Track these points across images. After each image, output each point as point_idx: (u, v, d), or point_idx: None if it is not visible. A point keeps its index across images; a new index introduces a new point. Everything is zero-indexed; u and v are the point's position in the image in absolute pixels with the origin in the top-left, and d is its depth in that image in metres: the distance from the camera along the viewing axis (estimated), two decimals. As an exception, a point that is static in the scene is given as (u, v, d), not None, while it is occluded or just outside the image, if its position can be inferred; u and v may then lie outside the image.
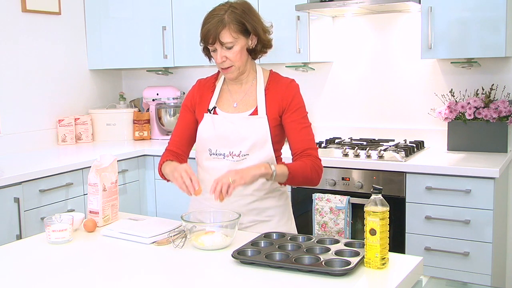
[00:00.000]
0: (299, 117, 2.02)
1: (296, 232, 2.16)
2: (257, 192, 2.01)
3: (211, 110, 2.06)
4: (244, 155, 1.99)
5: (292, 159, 2.04)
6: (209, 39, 1.93)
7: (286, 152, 2.09)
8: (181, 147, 2.11)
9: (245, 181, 1.81)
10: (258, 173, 1.85)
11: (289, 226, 2.12)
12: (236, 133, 2.00)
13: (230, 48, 1.94)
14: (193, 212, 1.92)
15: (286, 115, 2.02)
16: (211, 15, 1.95)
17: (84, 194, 3.24)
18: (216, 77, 2.15)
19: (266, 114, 2.00)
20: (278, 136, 2.04)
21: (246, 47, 1.98)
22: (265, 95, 2.03)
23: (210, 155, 2.04)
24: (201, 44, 2.01)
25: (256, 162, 1.98)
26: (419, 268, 1.59)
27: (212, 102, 2.08)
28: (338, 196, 3.03)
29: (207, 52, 2.05)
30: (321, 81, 3.80)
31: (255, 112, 2.02)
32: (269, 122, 2.00)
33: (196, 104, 2.11)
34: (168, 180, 2.01)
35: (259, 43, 2.01)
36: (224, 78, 2.11)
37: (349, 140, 3.57)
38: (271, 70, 2.12)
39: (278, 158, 2.08)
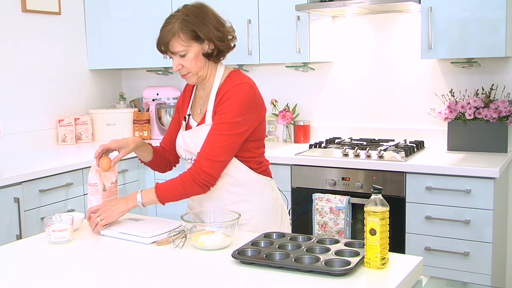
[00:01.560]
0: (219, 121, 1.91)
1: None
2: (229, 196, 2.01)
3: (186, 118, 2.10)
4: None
5: None
6: (160, 48, 1.96)
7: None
8: (169, 144, 2.19)
9: (112, 219, 1.91)
10: (126, 208, 1.93)
11: (271, 229, 1.98)
12: (190, 144, 2.02)
13: (183, 56, 1.94)
14: (193, 212, 1.92)
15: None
16: (164, 23, 1.96)
17: (84, 194, 3.24)
18: None
19: (212, 119, 1.96)
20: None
21: (201, 52, 1.95)
22: (215, 99, 1.98)
23: (184, 159, 2.10)
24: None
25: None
26: (419, 268, 1.59)
27: (188, 110, 2.11)
28: (338, 196, 3.03)
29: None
30: (321, 81, 3.80)
31: (203, 120, 2.01)
32: None
33: (180, 109, 2.17)
34: (142, 162, 2.21)
35: (216, 49, 1.97)
36: (197, 84, 2.11)
37: (349, 140, 3.57)
38: (232, 71, 2.04)
39: (252, 160, 2.03)
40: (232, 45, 2.03)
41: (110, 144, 2.01)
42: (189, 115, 2.10)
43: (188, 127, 2.08)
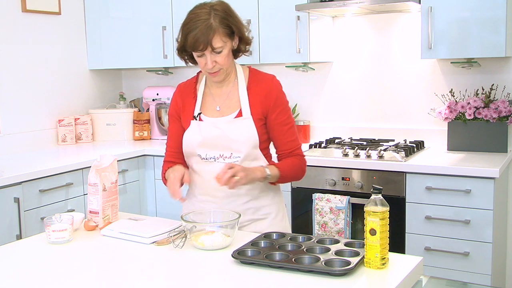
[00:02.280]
0: (284, 117, 2.03)
1: (290, 229, 2.17)
2: (251, 191, 2.02)
3: (197, 117, 2.05)
4: (236, 157, 1.99)
5: (278, 158, 2.07)
6: (199, 46, 1.88)
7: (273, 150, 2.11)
8: (177, 156, 2.11)
9: (245, 183, 1.91)
10: (256, 177, 1.94)
11: (284, 223, 2.14)
12: (223, 137, 1.99)
13: (219, 53, 1.92)
14: (193, 212, 1.92)
15: (271, 116, 2.01)
16: (195, 19, 1.89)
17: (84, 194, 3.24)
18: (195, 81, 2.12)
19: (251, 114, 2.00)
20: (265, 135, 2.04)
21: (232, 49, 1.97)
22: (248, 94, 2.02)
23: (201, 159, 2.04)
24: (185, 49, 1.96)
25: (248, 162, 1.99)
26: (419, 268, 1.59)
27: (197, 108, 2.06)
28: (338, 196, 3.03)
29: (183, 55, 2.02)
30: (321, 81, 3.80)
31: (239, 114, 2.01)
32: (255, 122, 1.99)
33: (180, 112, 2.10)
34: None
35: (242, 42, 2.01)
36: (205, 82, 2.09)
37: (349, 140, 3.57)
38: (249, 67, 2.09)
39: (267, 156, 2.08)
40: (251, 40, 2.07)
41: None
42: (200, 113, 2.06)
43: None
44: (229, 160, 1.99)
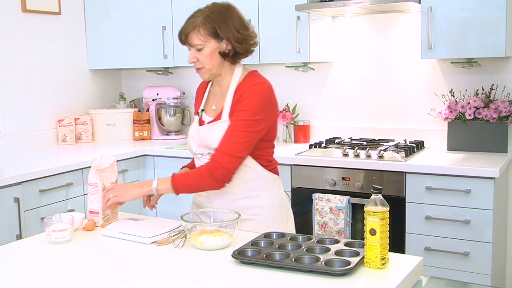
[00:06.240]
0: (238, 118, 1.95)
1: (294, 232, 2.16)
2: (240, 191, 2.03)
3: (200, 113, 2.14)
4: None
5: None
6: (180, 38, 2.02)
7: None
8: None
9: (124, 199, 2.00)
10: (139, 192, 2.01)
11: (277, 226, 2.05)
12: (200, 137, 2.05)
13: (200, 50, 1.99)
14: (193, 212, 1.93)
15: (232, 114, 2.00)
16: (190, 16, 2.01)
17: (84, 194, 3.24)
18: None
19: (229, 117, 2.00)
20: None
21: (218, 51, 1.99)
22: (233, 97, 2.01)
23: (194, 153, 2.12)
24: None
25: None
26: (419, 268, 1.59)
27: (202, 105, 2.15)
28: (338, 196, 3.03)
29: None
30: (321, 81, 3.80)
31: (218, 117, 2.03)
32: None
33: (195, 106, 2.22)
34: None
35: (233, 50, 2.01)
36: (212, 81, 2.14)
37: (349, 140, 3.57)
38: (250, 72, 2.08)
39: (262, 158, 2.06)
40: (251, 49, 2.06)
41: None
42: (202, 110, 2.14)
43: (201, 122, 2.12)
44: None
